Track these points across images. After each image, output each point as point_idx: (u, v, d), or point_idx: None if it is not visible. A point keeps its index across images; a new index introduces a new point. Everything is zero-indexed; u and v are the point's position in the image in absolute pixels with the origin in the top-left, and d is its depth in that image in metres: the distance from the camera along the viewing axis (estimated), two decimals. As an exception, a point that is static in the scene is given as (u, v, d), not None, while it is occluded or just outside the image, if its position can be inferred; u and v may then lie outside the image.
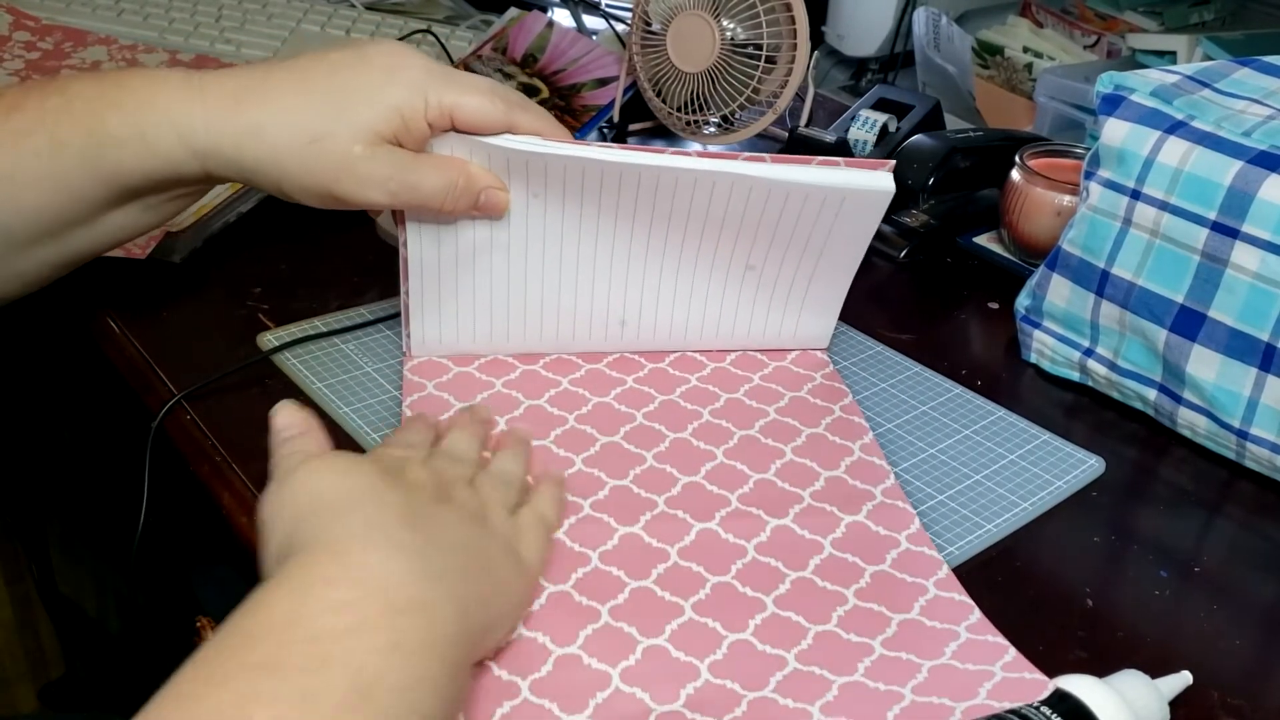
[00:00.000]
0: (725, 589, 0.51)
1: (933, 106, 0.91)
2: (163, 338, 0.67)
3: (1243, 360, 0.59)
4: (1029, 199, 0.76)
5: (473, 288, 0.62)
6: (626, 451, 0.59)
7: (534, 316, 0.64)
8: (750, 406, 0.63)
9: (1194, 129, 0.61)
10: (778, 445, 0.60)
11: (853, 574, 0.52)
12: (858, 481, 0.58)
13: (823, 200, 0.60)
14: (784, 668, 0.47)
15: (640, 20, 0.89)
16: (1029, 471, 0.60)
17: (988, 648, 0.49)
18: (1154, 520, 0.59)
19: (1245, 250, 0.58)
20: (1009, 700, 0.45)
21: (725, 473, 0.58)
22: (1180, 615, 0.53)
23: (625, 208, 0.60)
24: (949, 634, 0.49)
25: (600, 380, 0.64)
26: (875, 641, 0.49)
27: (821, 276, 0.65)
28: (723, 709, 0.45)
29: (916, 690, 0.46)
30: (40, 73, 0.95)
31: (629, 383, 0.64)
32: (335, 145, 0.55)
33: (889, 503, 0.56)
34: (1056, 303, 0.68)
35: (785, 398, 0.64)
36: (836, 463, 0.59)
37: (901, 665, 0.47)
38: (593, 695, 0.45)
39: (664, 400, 0.63)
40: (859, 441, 0.60)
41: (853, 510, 0.56)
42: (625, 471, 0.57)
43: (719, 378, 0.65)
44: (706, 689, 0.46)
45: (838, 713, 0.45)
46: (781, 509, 0.55)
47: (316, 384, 0.63)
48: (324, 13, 1.09)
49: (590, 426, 0.60)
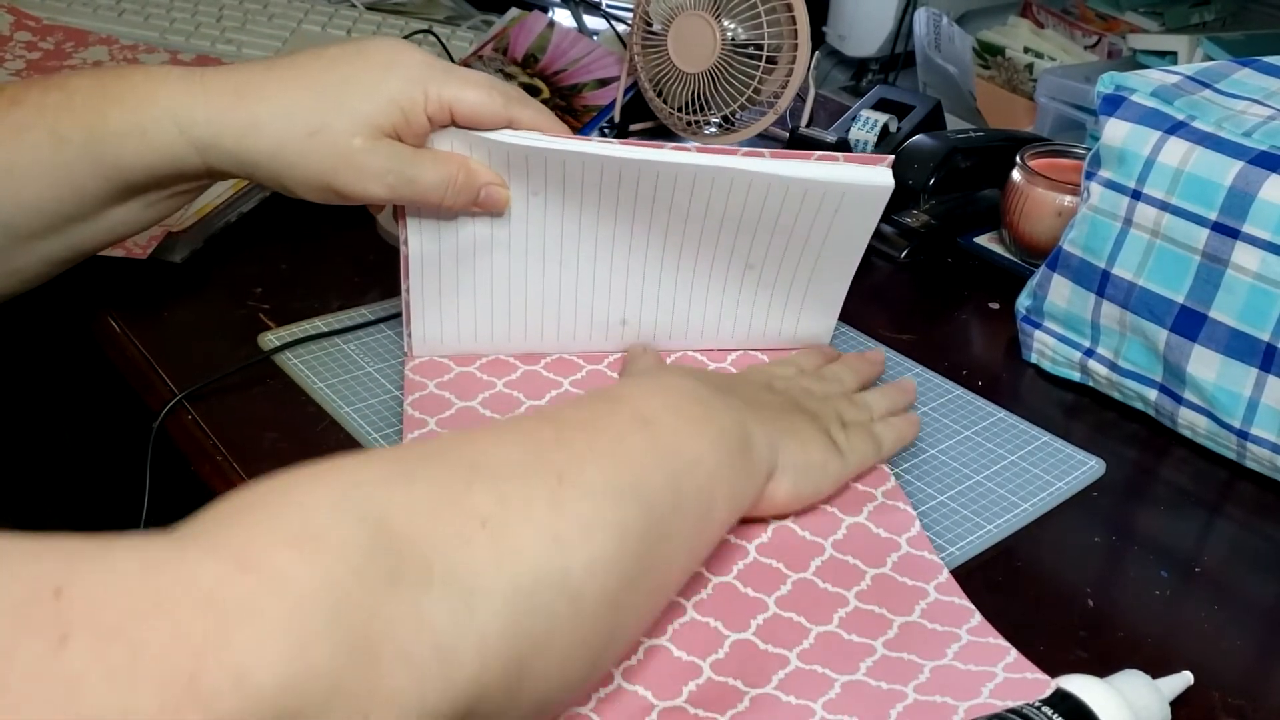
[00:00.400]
0: (727, 589, 0.51)
1: (933, 107, 0.91)
2: (164, 338, 0.67)
3: (1243, 360, 0.59)
4: (1030, 199, 0.76)
5: (474, 286, 0.62)
6: None
7: (535, 314, 0.64)
8: None
9: (1195, 129, 0.61)
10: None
11: (854, 576, 0.52)
12: (858, 482, 0.58)
13: (822, 195, 0.60)
14: (786, 666, 0.47)
15: (641, 20, 0.89)
16: (1030, 472, 0.60)
17: (989, 649, 0.49)
18: (1155, 520, 0.59)
19: (1246, 250, 0.58)
20: (1011, 700, 0.45)
21: None
22: (1181, 615, 0.53)
23: (625, 205, 0.60)
24: (950, 636, 0.49)
25: (601, 381, 0.64)
26: (877, 642, 0.49)
27: (821, 274, 0.65)
28: (725, 705, 0.45)
29: (919, 689, 0.46)
30: (41, 73, 0.95)
31: None
32: (334, 138, 0.55)
33: (890, 504, 0.56)
34: (1057, 303, 0.68)
35: None
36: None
37: (903, 665, 0.48)
38: (595, 691, 0.45)
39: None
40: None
41: (853, 511, 0.56)
42: None
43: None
44: (708, 686, 0.46)
45: (841, 710, 0.45)
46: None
47: (318, 384, 0.63)
48: (325, 13, 1.09)
49: None
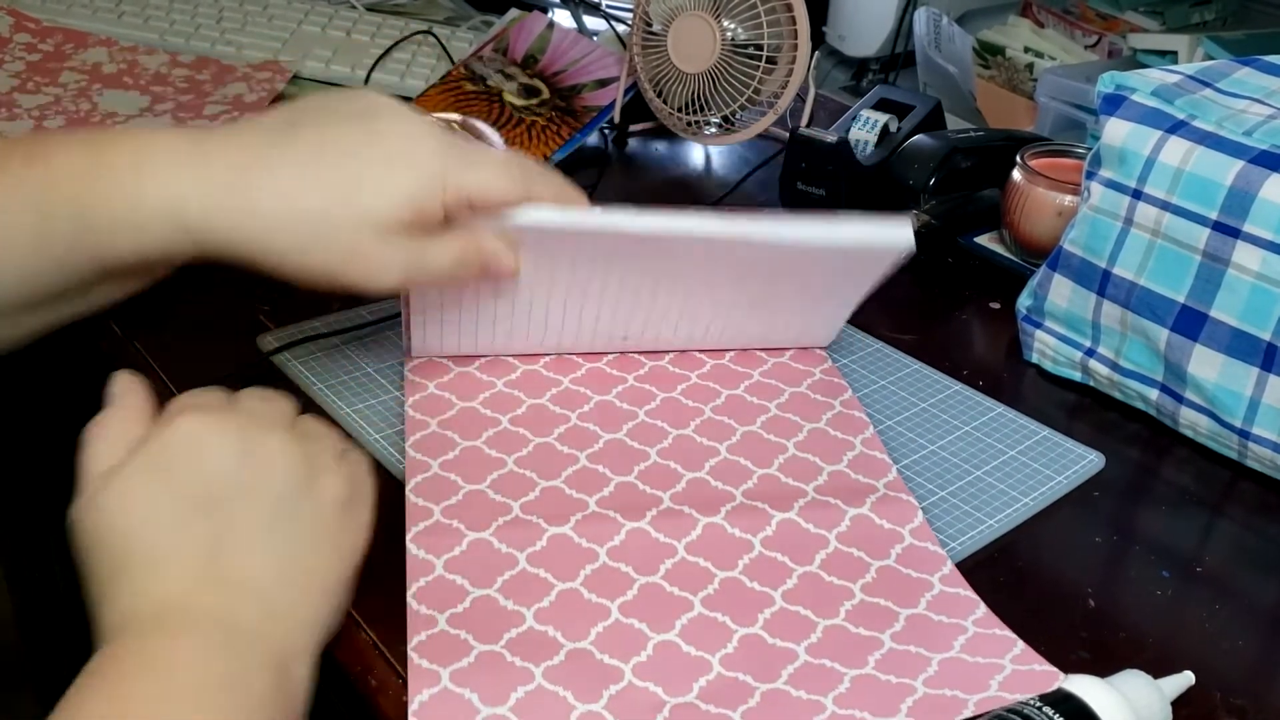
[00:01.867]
0: (733, 584, 0.51)
1: (934, 107, 0.91)
2: (164, 339, 0.67)
3: (1244, 360, 0.59)
4: (1030, 199, 0.76)
5: (476, 305, 0.62)
6: (629, 448, 0.59)
7: (537, 330, 0.64)
8: (751, 402, 0.63)
9: (1195, 129, 0.61)
10: (780, 440, 0.60)
11: (859, 569, 0.52)
12: (860, 475, 0.58)
13: (841, 255, 0.60)
14: (794, 661, 0.48)
15: (641, 21, 0.89)
16: (1029, 467, 0.60)
17: (996, 641, 0.49)
18: (1156, 520, 0.59)
19: (1247, 250, 0.58)
20: (1020, 692, 0.45)
21: (729, 468, 0.58)
22: (1182, 615, 0.53)
23: (636, 264, 0.60)
24: (956, 628, 0.49)
25: (601, 378, 0.64)
26: (884, 635, 0.49)
27: (828, 308, 0.65)
28: (736, 701, 0.45)
29: (928, 683, 0.46)
30: (41, 74, 0.95)
31: (630, 380, 0.64)
32: (342, 235, 0.51)
33: (892, 495, 0.56)
34: (1058, 303, 0.68)
35: (785, 393, 0.64)
36: (839, 457, 0.59)
37: (911, 658, 0.48)
38: (606, 687, 0.45)
39: (665, 398, 0.63)
40: (860, 436, 0.61)
41: (857, 503, 0.56)
42: (629, 468, 0.57)
43: (719, 374, 0.65)
44: (718, 681, 0.46)
45: (850, 704, 0.45)
46: (786, 503, 0.55)
47: (317, 385, 0.63)
48: (325, 14, 1.09)
49: (593, 424, 0.60)
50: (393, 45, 1.04)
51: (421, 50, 1.05)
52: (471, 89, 0.95)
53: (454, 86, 0.95)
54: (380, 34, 1.07)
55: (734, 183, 0.92)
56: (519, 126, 0.92)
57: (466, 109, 0.93)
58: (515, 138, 0.91)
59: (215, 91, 0.95)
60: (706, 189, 0.92)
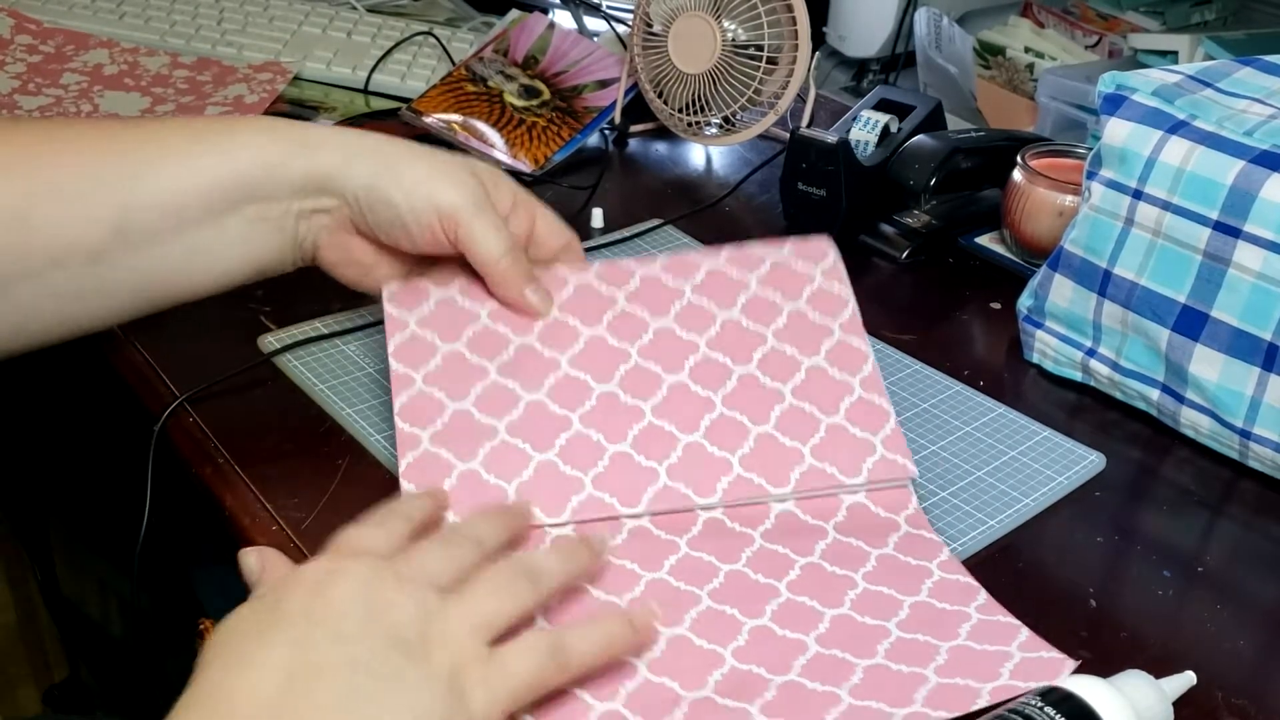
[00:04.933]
0: (738, 576, 0.51)
1: (934, 107, 0.91)
2: (165, 340, 0.67)
3: (1245, 360, 0.59)
4: (1031, 199, 0.76)
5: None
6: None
7: None
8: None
9: (1196, 129, 0.61)
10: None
11: (858, 557, 0.53)
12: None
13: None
14: (805, 652, 0.48)
15: (641, 21, 0.89)
16: (1030, 467, 0.60)
17: (1000, 628, 0.49)
18: (1157, 520, 0.59)
19: (1247, 250, 0.58)
20: (1033, 679, 0.46)
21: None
22: (1184, 615, 0.53)
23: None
24: (960, 615, 0.50)
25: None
26: (890, 624, 0.49)
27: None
28: (752, 693, 0.46)
29: (939, 672, 0.47)
30: (42, 76, 0.95)
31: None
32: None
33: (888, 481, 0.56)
34: (1059, 303, 0.68)
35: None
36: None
37: (919, 647, 0.48)
38: (622, 684, 0.46)
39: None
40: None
41: (853, 490, 0.56)
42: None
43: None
44: (733, 674, 0.47)
45: (866, 696, 0.46)
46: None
47: (318, 386, 0.63)
48: (326, 15, 1.09)
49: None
50: (393, 46, 1.04)
51: (422, 51, 1.05)
52: (472, 90, 0.95)
53: (455, 87, 0.95)
54: (381, 35, 1.07)
55: (734, 183, 0.92)
56: (520, 127, 0.92)
57: (467, 110, 0.93)
58: (516, 139, 0.91)
59: (216, 92, 0.95)
60: (707, 189, 0.92)
